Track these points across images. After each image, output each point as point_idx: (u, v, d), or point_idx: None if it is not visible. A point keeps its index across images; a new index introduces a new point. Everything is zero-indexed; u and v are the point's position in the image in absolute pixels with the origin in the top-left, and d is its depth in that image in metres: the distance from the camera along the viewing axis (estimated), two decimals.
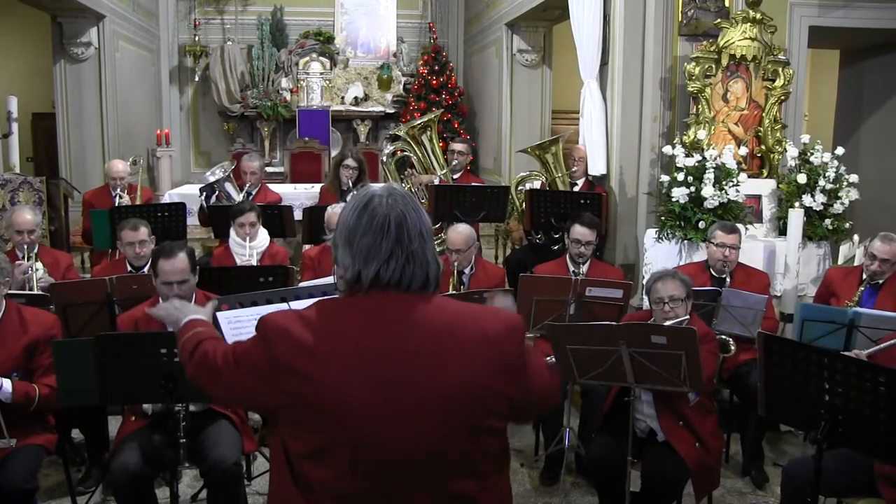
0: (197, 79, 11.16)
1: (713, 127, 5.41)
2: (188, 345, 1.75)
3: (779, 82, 5.50)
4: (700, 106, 5.40)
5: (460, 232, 4.32)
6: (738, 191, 5.03)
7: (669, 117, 5.67)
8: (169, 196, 7.10)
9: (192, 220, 6.07)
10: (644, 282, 4.04)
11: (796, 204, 5.09)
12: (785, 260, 4.94)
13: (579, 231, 4.31)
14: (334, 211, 4.65)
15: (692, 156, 5.11)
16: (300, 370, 1.42)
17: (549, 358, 3.14)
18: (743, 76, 5.46)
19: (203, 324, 1.87)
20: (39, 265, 4.31)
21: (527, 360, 1.58)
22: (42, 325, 3.23)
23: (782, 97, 5.54)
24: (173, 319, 1.96)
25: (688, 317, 3.28)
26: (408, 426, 1.43)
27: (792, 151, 5.34)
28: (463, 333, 1.48)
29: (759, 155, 5.59)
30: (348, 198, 5.92)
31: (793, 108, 6.08)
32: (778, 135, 5.55)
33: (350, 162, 5.66)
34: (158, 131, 10.06)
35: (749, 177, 5.25)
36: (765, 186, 5.44)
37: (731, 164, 5.07)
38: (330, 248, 1.69)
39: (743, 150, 5.39)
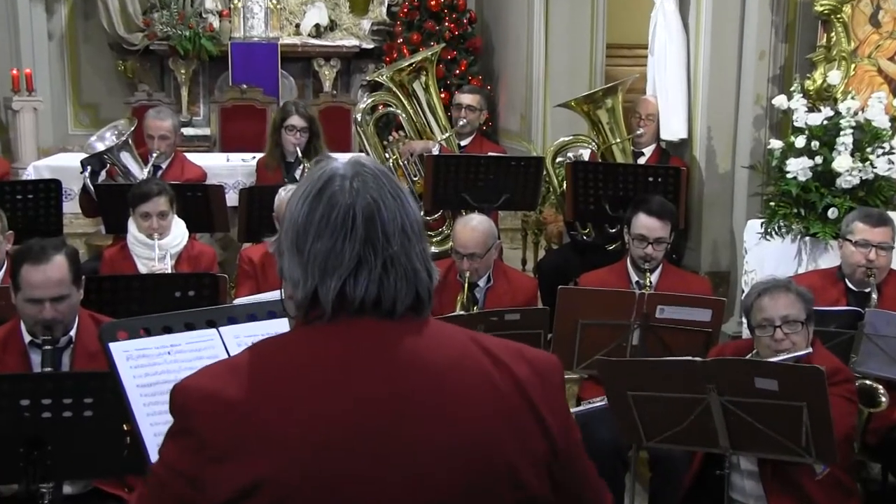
0: None
1: (854, 65, 5.40)
2: None
3: None
4: (834, 34, 5.38)
5: (475, 228, 4.34)
6: (891, 162, 5.02)
7: (785, 52, 5.67)
8: (35, 170, 7.09)
9: (72, 207, 6.11)
10: (743, 297, 4.05)
11: None
12: None
13: (645, 223, 4.35)
14: (287, 196, 4.67)
15: (819, 110, 5.11)
16: (242, 450, 1.42)
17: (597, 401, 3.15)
18: None
19: None
20: None
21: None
22: None
23: None
24: None
25: (809, 350, 3.29)
26: None
27: None
28: (477, 379, 1.50)
29: None
30: (297, 173, 5.99)
31: None
32: None
33: (296, 120, 5.71)
34: (15, 71, 10.02)
35: None
36: None
37: (882, 120, 5.05)
38: None
39: None
